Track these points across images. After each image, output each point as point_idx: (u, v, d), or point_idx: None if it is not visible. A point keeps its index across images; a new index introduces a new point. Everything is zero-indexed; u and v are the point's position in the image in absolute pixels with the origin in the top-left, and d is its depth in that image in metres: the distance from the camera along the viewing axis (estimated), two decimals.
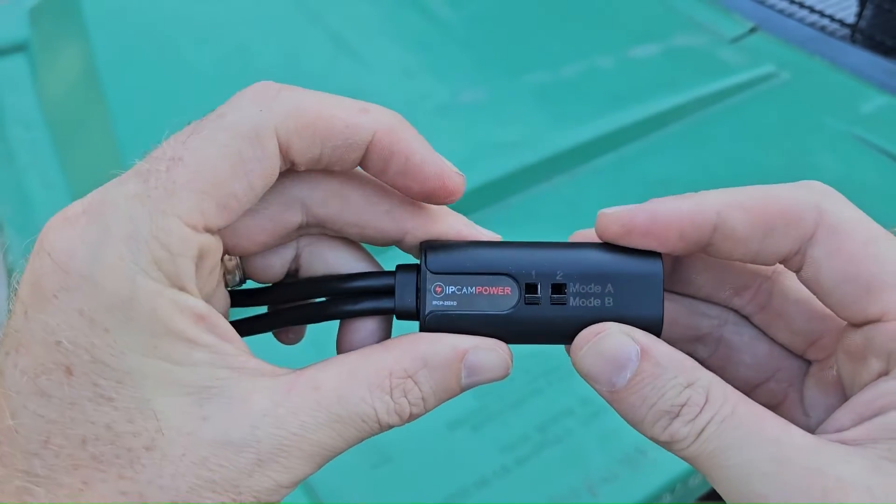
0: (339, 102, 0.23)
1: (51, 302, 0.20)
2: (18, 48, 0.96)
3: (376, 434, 0.23)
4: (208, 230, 0.21)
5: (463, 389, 0.24)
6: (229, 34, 0.95)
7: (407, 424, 0.24)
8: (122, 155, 0.77)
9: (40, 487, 0.20)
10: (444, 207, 0.25)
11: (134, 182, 0.21)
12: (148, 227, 0.20)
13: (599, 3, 1.05)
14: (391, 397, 0.23)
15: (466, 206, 0.52)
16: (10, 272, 0.72)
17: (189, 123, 0.23)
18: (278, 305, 0.26)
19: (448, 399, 0.24)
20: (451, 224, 0.25)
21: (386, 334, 0.26)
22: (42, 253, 0.20)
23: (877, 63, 0.94)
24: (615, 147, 0.81)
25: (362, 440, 0.23)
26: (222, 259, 0.24)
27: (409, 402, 0.23)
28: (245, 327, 0.24)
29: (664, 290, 0.24)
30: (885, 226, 0.24)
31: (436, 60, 0.92)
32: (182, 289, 0.21)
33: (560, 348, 0.26)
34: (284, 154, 0.22)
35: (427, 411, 0.24)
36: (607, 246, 0.25)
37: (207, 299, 0.22)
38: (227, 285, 0.26)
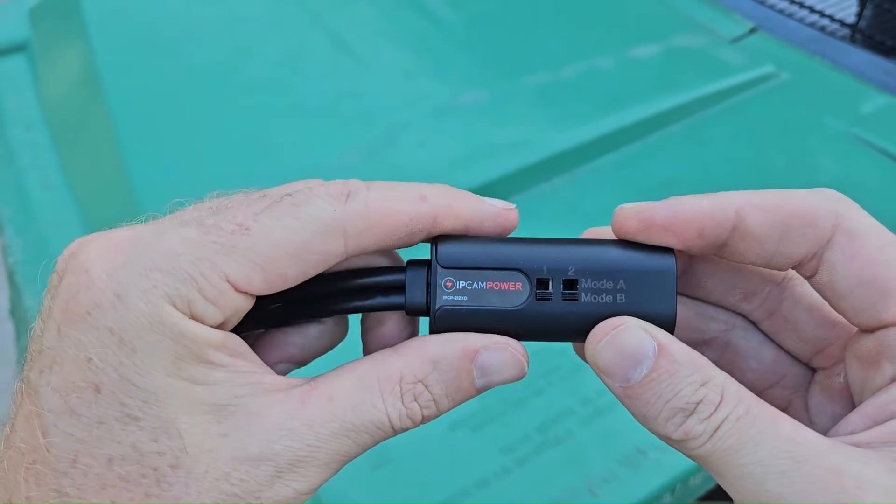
0: (402, 194, 0.23)
1: (84, 319, 0.20)
2: (18, 48, 0.96)
3: (391, 437, 0.24)
4: (246, 293, 0.22)
5: (479, 390, 0.24)
6: (229, 34, 0.95)
7: None
8: (123, 155, 0.77)
9: None
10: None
11: (194, 229, 0.22)
12: (191, 269, 0.21)
13: (599, 3, 1.05)
14: (402, 403, 0.23)
15: None
16: (10, 272, 0.72)
17: (261, 192, 0.24)
18: (288, 301, 0.26)
19: (465, 400, 0.24)
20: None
21: (412, 329, 0.27)
22: (79, 269, 0.21)
23: (877, 63, 0.94)
24: (615, 147, 0.81)
25: (377, 444, 0.23)
26: None
27: (420, 406, 0.23)
28: (253, 322, 0.24)
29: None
30: (886, 226, 0.24)
31: (436, 61, 0.93)
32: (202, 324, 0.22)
33: (561, 348, 0.25)
34: (348, 250, 0.23)
35: (441, 413, 0.24)
36: (620, 242, 0.25)
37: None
38: None
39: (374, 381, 0.23)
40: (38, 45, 0.96)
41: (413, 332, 0.27)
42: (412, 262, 0.25)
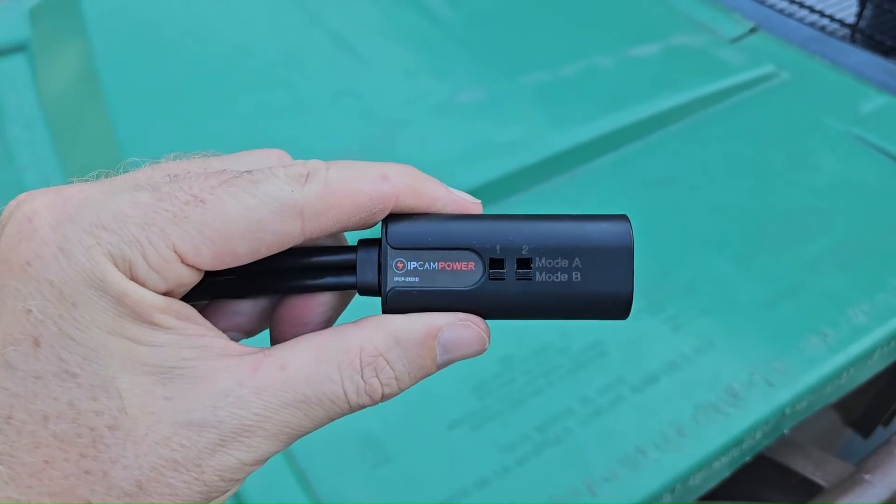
0: (361, 173, 0.23)
1: (24, 269, 0.20)
2: (18, 48, 0.96)
3: (347, 414, 0.23)
4: (192, 266, 0.21)
5: (439, 367, 0.24)
6: (229, 33, 0.95)
7: (406, 423, 0.24)
8: (123, 154, 0.77)
9: (2, 465, 0.20)
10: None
11: (148, 193, 0.21)
12: (138, 232, 0.20)
13: (599, 3, 1.05)
14: (361, 377, 0.22)
15: None
16: None
17: (219, 158, 0.23)
18: (238, 274, 0.26)
19: (423, 377, 0.24)
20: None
21: (339, 308, 0.26)
22: (23, 219, 0.20)
23: (877, 63, 0.94)
24: (615, 147, 0.81)
25: (332, 420, 0.23)
26: None
27: (380, 383, 0.23)
28: (197, 292, 0.23)
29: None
30: (886, 226, 0.24)
31: (436, 60, 0.92)
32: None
33: (561, 348, 0.25)
34: (305, 232, 0.22)
35: (401, 391, 0.23)
36: (577, 217, 0.24)
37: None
38: None
39: (332, 353, 0.22)
40: (37, 45, 0.95)
41: (339, 311, 0.26)
42: (363, 242, 0.25)
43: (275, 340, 0.26)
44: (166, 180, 0.22)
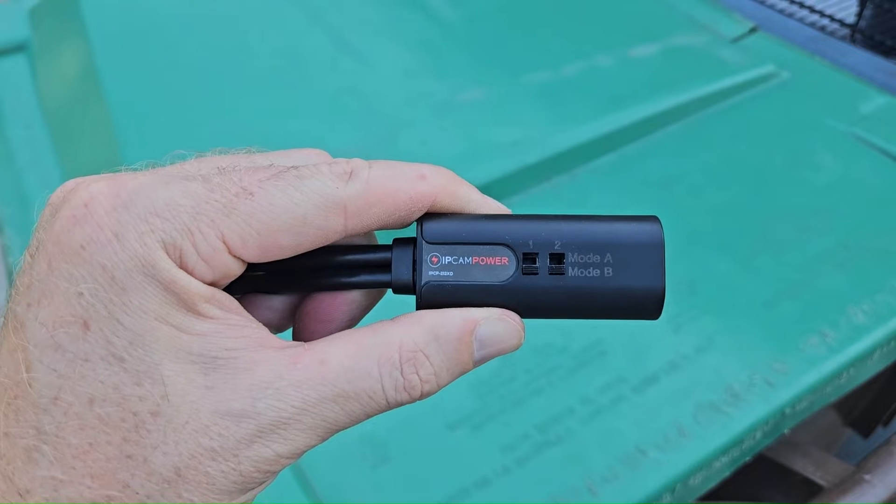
0: (401, 173, 0.23)
1: (78, 253, 0.20)
2: (18, 48, 0.96)
3: (384, 411, 0.23)
4: (238, 258, 0.22)
5: (476, 364, 0.24)
6: (229, 33, 0.95)
7: (406, 423, 0.24)
8: (123, 154, 0.77)
9: (48, 445, 0.20)
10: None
11: (200, 184, 0.21)
12: (190, 222, 0.21)
13: (599, 3, 1.05)
14: (401, 373, 0.22)
15: None
16: (10, 272, 0.72)
17: (263, 155, 0.24)
18: (272, 271, 0.26)
19: (461, 374, 0.24)
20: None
21: (365, 308, 0.26)
22: (78, 204, 0.21)
23: (877, 63, 0.94)
24: (615, 147, 0.81)
25: (369, 416, 0.23)
26: None
27: (420, 379, 0.23)
28: (237, 287, 0.24)
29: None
30: (886, 226, 0.24)
31: (436, 60, 0.93)
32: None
33: (562, 348, 0.25)
34: (347, 228, 0.23)
35: (439, 388, 0.23)
36: (608, 217, 0.24)
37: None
38: None
39: (371, 348, 0.22)
40: (37, 45, 0.95)
41: (366, 309, 0.27)
42: (398, 241, 0.25)
43: (298, 337, 0.26)
44: (216, 172, 0.22)
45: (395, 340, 0.23)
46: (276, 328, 0.27)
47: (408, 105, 0.85)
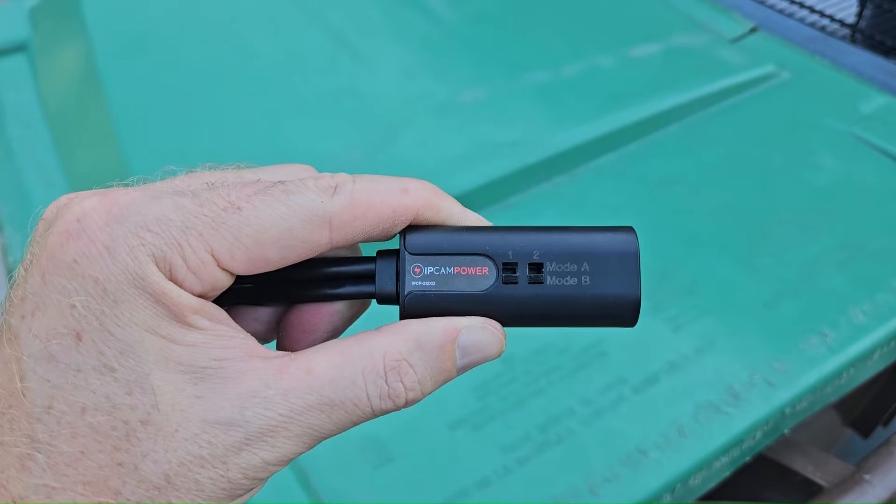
0: (385, 187, 0.24)
1: (70, 267, 0.21)
2: (18, 48, 0.96)
3: (369, 419, 0.23)
4: (226, 270, 0.22)
5: (459, 371, 0.25)
6: (229, 33, 0.95)
7: (407, 424, 0.24)
8: (123, 154, 0.77)
9: (41, 454, 0.20)
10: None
11: (190, 199, 0.22)
12: (179, 236, 0.21)
13: (599, 3, 1.05)
14: (386, 381, 0.23)
15: (467, 206, 0.52)
16: (10, 271, 0.72)
17: (251, 170, 0.25)
18: (258, 283, 0.27)
19: (445, 382, 0.24)
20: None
21: (349, 318, 0.27)
22: (71, 218, 0.21)
23: (877, 63, 0.94)
24: (615, 147, 0.81)
25: (355, 424, 0.23)
26: None
27: (404, 387, 0.23)
28: (224, 300, 0.25)
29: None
30: (886, 226, 0.24)
31: (436, 60, 0.93)
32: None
33: (562, 348, 0.26)
34: (333, 241, 0.23)
35: (424, 396, 0.24)
36: (584, 228, 0.25)
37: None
38: None
39: (356, 357, 0.23)
40: (38, 45, 0.95)
41: (350, 321, 0.27)
42: (382, 252, 0.26)
43: (282, 347, 0.27)
44: (205, 187, 0.23)
45: (379, 350, 0.23)
46: (263, 339, 0.27)
47: (408, 105, 0.85)
